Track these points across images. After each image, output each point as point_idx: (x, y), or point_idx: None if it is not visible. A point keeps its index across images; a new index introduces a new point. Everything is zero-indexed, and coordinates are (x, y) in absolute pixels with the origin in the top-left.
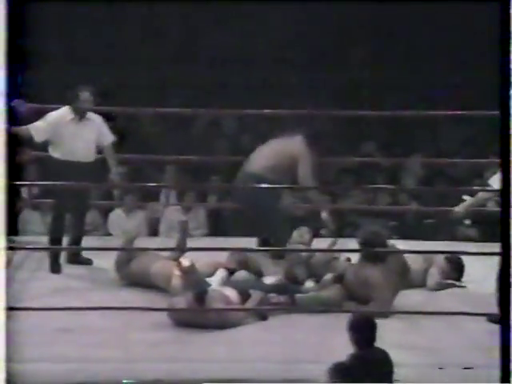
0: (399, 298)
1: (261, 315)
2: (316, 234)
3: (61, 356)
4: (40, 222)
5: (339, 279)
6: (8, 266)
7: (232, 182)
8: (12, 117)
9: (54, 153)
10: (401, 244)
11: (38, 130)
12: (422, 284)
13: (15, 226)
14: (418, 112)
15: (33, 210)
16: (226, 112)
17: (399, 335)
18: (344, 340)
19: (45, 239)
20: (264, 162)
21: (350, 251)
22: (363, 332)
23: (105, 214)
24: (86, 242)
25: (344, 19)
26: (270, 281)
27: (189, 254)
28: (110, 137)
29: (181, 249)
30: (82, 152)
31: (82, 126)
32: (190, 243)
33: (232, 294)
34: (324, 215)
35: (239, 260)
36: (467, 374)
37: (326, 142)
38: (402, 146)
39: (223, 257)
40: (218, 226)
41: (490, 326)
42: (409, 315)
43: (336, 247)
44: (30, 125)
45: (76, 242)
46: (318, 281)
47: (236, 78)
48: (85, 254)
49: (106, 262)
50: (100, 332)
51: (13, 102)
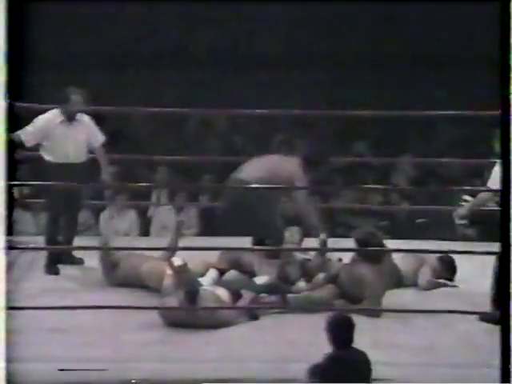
0: (393, 298)
1: (252, 315)
2: (306, 234)
3: (51, 356)
4: (32, 222)
5: (333, 279)
6: None
7: (223, 182)
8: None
9: (46, 155)
10: (392, 244)
11: (27, 135)
12: (413, 283)
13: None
14: (421, 112)
15: (24, 210)
16: (219, 112)
17: (392, 334)
18: None
19: (37, 239)
20: (255, 173)
21: (345, 250)
22: (340, 332)
23: (96, 214)
24: (78, 242)
25: (343, 19)
26: (262, 281)
27: (179, 253)
28: (100, 137)
29: (173, 248)
30: (73, 153)
31: (72, 127)
32: (182, 243)
33: (223, 294)
34: (312, 221)
35: (230, 260)
36: (461, 373)
37: (322, 168)
38: (393, 145)
39: (214, 256)
40: (209, 225)
41: (483, 325)
42: (400, 314)
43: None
44: (21, 130)
45: (69, 242)
46: (309, 280)
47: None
48: (76, 254)
49: (98, 262)
50: (91, 332)
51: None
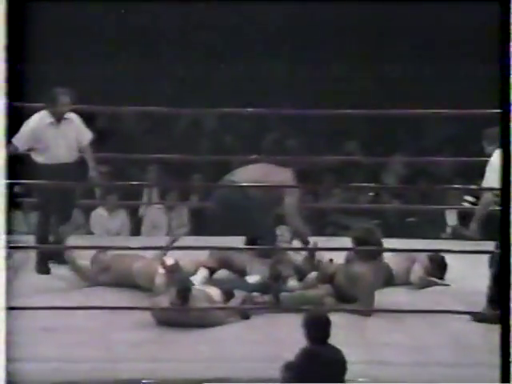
0: (386, 297)
1: (244, 314)
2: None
3: (43, 356)
4: (22, 221)
5: (328, 279)
6: None
7: (214, 181)
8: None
9: (37, 158)
10: (384, 242)
11: (19, 141)
12: (404, 282)
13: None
14: (425, 111)
15: (14, 209)
16: (209, 111)
17: (384, 334)
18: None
19: (27, 238)
20: (248, 177)
21: (336, 250)
22: (316, 329)
23: (87, 213)
24: (69, 241)
25: (341, 18)
26: (254, 280)
27: (170, 252)
28: (88, 135)
29: (164, 248)
30: (65, 153)
31: (62, 127)
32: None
33: (215, 293)
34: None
35: (220, 259)
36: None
37: (314, 182)
38: (384, 144)
39: (205, 256)
40: (200, 224)
41: (476, 325)
42: (391, 313)
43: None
44: (13, 138)
45: (60, 241)
46: (301, 279)
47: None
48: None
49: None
50: (83, 332)
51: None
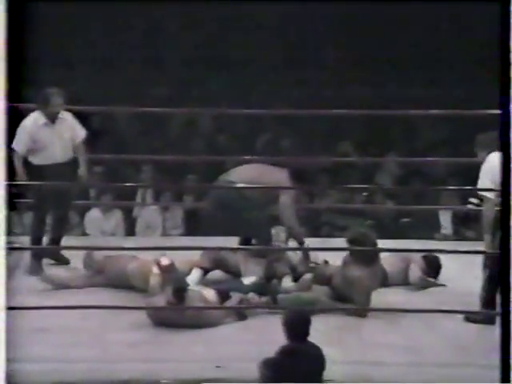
0: (383, 298)
1: (240, 315)
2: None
3: (38, 356)
4: (16, 222)
5: (326, 281)
6: None
7: (208, 181)
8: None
9: (33, 159)
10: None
11: (18, 145)
12: (398, 283)
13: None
14: (426, 111)
15: (8, 210)
16: (203, 111)
17: (379, 334)
18: (322, 340)
19: (22, 239)
20: (243, 176)
21: (330, 250)
22: (296, 326)
23: (82, 213)
24: (64, 241)
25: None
26: (250, 281)
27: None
28: (82, 132)
29: (159, 248)
30: (60, 153)
31: (56, 127)
32: (167, 242)
33: (211, 294)
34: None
35: (214, 259)
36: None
37: (309, 183)
38: (379, 145)
39: (198, 256)
40: (194, 225)
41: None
42: (388, 314)
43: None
44: (13, 143)
45: (56, 241)
46: (296, 280)
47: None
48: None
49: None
50: (78, 332)
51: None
